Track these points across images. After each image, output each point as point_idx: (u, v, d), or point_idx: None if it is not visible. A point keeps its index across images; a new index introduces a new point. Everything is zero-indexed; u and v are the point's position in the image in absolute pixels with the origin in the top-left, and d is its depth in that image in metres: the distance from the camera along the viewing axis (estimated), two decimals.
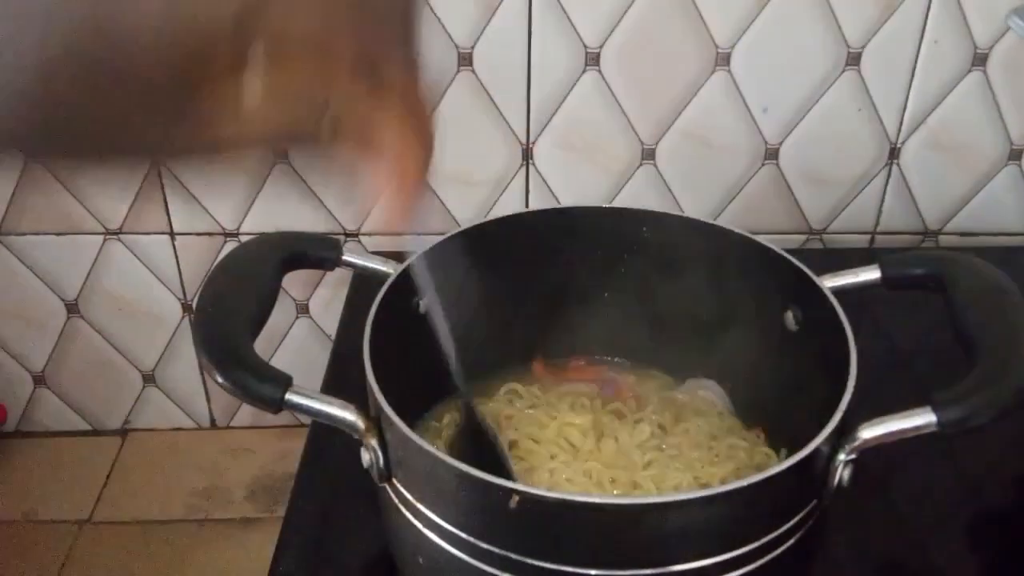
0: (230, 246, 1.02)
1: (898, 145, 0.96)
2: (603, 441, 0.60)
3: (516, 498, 0.42)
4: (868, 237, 1.02)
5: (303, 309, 1.06)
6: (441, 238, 0.60)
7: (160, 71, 0.25)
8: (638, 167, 0.96)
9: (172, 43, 0.24)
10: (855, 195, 0.99)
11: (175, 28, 0.24)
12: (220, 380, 0.46)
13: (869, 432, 0.46)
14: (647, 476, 0.57)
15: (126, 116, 0.25)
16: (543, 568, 0.44)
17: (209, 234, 1.01)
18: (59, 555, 1.01)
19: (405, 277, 0.56)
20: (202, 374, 1.11)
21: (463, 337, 0.64)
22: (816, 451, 0.45)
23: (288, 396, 0.47)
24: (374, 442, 0.48)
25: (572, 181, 0.97)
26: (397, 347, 0.53)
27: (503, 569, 0.45)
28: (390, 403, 0.47)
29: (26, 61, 0.23)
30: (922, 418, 0.46)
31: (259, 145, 0.29)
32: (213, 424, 1.16)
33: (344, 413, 0.48)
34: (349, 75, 0.28)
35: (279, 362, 0.47)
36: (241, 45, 0.25)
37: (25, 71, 0.23)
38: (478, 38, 0.89)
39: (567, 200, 0.99)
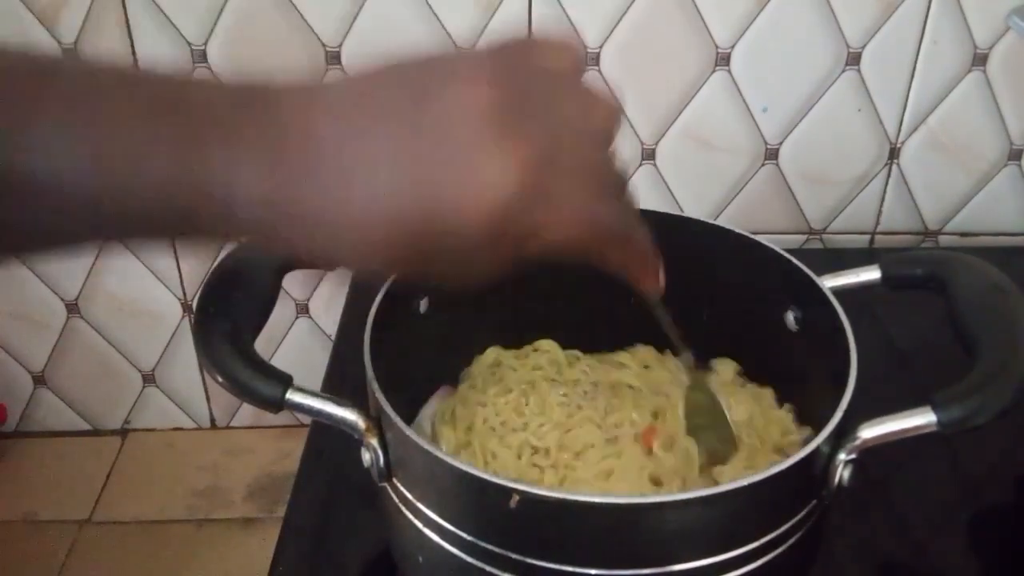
0: (230, 246, 1.02)
1: (898, 145, 0.96)
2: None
3: (516, 497, 0.42)
4: (868, 237, 1.02)
5: (303, 309, 1.06)
6: None
7: None
8: (638, 167, 0.97)
9: None
10: (855, 195, 0.99)
11: None
12: (220, 380, 0.46)
13: (869, 432, 0.46)
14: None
15: None
16: (543, 567, 0.44)
17: None
18: (59, 555, 1.01)
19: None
20: (202, 374, 1.11)
21: (462, 337, 0.64)
22: (816, 451, 0.45)
23: (289, 395, 0.47)
24: (374, 442, 0.48)
25: None
26: (397, 347, 0.53)
27: (503, 568, 0.45)
28: (390, 403, 0.47)
29: None
30: (922, 418, 0.45)
31: None
32: (213, 424, 1.16)
33: (344, 413, 0.48)
34: None
35: (279, 362, 0.47)
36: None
37: None
38: (477, 39, 0.89)
39: None
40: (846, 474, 0.47)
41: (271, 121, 0.33)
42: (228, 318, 0.49)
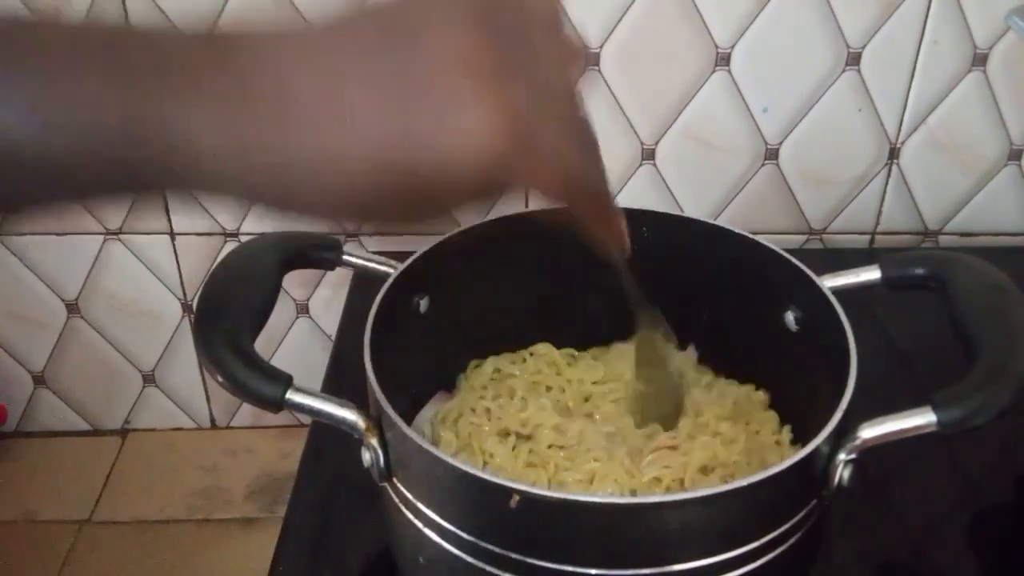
0: (230, 246, 1.02)
1: (898, 145, 0.96)
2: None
3: (516, 498, 0.42)
4: (868, 237, 1.02)
5: (303, 309, 1.06)
6: (441, 238, 0.60)
7: None
8: (638, 167, 0.97)
9: None
10: (855, 195, 0.99)
11: None
12: (220, 379, 0.46)
13: (869, 432, 0.46)
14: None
15: None
16: (543, 567, 0.44)
17: (209, 234, 1.01)
18: (59, 555, 1.01)
19: (405, 277, 0.57)
20: (202, 374, 1.11)
21: (462, 336, 0.64)
22: (816, 451, 0.45)
23: (289, 395, 0.47)
24: (375, 442, 0.48)
25: None
26: (397, 347, 0.53)
27: (503, 568, 0.45)
28: (390, 402, 0.47)
29: None
30: (922, 418, 0.46)
31: None
32: (213, 424, 1.16)
33: (344, 412, 0.48)
34: None
35: (279, 362, 0.47)
36: None
37: None
38: None
39: None
40: (846, 474, 0.47)
41: (235, 66, 0.31)
42: (228, 318, 0.49)
